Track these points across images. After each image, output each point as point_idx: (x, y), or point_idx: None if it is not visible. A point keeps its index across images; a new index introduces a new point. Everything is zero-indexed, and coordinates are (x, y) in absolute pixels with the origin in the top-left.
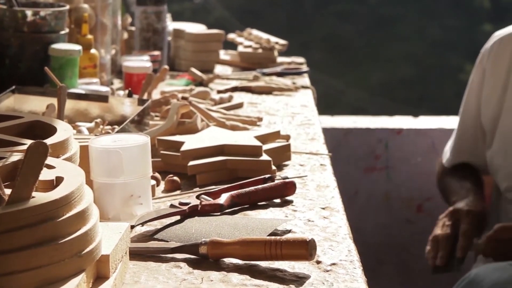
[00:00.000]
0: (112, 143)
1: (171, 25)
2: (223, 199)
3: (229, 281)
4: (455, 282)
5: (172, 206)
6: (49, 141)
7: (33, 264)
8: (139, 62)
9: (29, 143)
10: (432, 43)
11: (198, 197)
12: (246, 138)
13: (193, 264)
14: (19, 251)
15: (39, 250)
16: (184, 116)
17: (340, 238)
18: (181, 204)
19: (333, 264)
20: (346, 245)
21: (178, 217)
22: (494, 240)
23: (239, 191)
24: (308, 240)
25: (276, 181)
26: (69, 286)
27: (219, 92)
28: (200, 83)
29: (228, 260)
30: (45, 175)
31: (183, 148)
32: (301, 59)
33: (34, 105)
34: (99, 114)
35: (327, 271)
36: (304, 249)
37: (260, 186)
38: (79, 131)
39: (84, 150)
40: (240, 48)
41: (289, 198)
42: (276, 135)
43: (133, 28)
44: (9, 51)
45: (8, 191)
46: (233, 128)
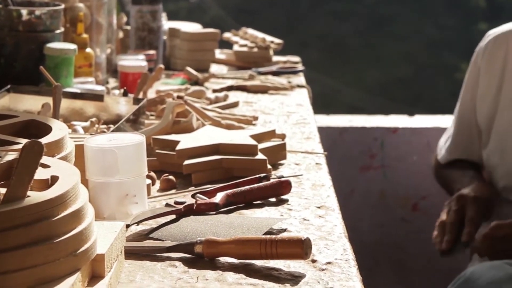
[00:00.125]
0: (107, 142)
1: (167, 24)
2: (218, 198)
3: (225, 280)
4: (451, 280)
5: (167, 205)
6: (44, 140)
7: (28, 263)
8: (134, 61)
9: (24, 142)
10: (428, 42)
11: (193, 196)
12: (242, 137)
13: (188, 263)
14: (14, 250)
15: (34, 249)
16: (179, 115)
17: (335, 237)
18: (176, 203)
19: (329, 263)
20: (342, 244)
21: (173, 216)
22: (490, 238)
23: (235, 190)
24: (303, 239)
25: (271, 180)
26: (64, 285)
27: (214, 91)
28: (196, 82)
29: (223, 259)
30: (40, 174)
31: (179, 147)
32: (296, 58)
33: (29, 104)
34: (94, 113)
35: (323, 270)
36: (300, 248)
37: (255, 185)
38: (74, 130)
39: (80, 149)
40: (236, 47)
41: (284, 197)
42: (271, 134)
43: (128, 27)
44: (4, 50)
45: (3, 190)
46: (229, 127)
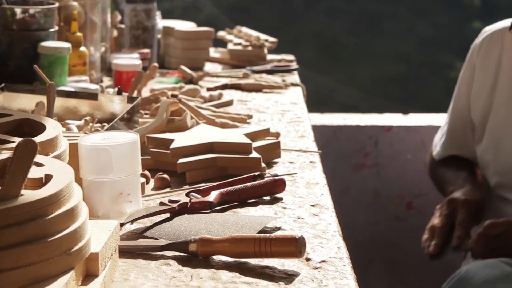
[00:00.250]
0: (101, 140)
1: (161, 22)
2: (212, 196)
3: (219, 278)
4: (446, 279)
5: (161, 203)
6: (38, 139)
7: (22, 262)
8: (128, 60)
9: (18, 141)
10: (423, 40)
11: (187, 194)
12: (236, 135)
13: (182, 261)
14: (8, 249)
15: (28, 248)
16: (173, 113)
17: (329, 235)
18: (170, 201)
19: (323, 261)
20: (336, 242)
21: (167, 215)
22: (484, 236)
23: (229, 188)
24: (297, 237)
25: (265, 179)
26: (58, 284)
27: (209, 89)
28: (190, 80)
29: (217, 258)
30: (34, 173)
31: (173, 145)
32: (291, 57)
33: (23, 103)
34: (88, 112)
35: (317, 268)
36: (294, 246)
37: (249, 184)
38: (68, 129)
39: (74, 148)
40: (230, 46)
41: (278, 195)
42: (265, 132)
43: (122, 26)
44: None
45: None
46: (223, 125)
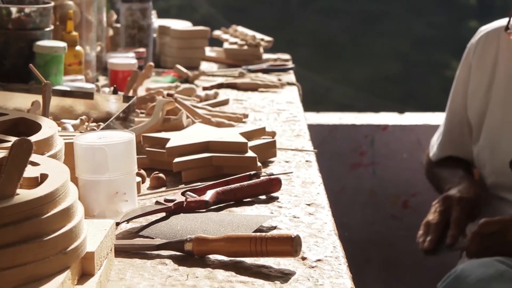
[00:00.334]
0: (97, 140)
1: (157, 22)
2: (208, 195)
3: (215, 277)
4: (441, 277)
5: (157, 203)
6: (34, 138)
7: (18, 261)
8: (124, 59)
9: (13, 140)
10: (418, 40)
11: (183, 194)
12: (232, 134)
13: (178, 261)
14: (3, 248)
15: (23, 247)
16: (169, 113)
17: (325, 235)
18: (166, 201)
19: (318, 260)
20: (332, 241)
21: (163, 214)
22: (478, 235)
23: (225, 187)
24: (293, 236)
25: (261, 178)
26: (54, 283)
27: (204, 88)
28: (186, 80)
29: (213, 257)
30: (30, 172)
31: (169, 145)
32: (286, 56)
33: (19, 102)
34: (84, 111)
35: (313, 267)
36: (289, 245)
37: (245, 183)
38: (64, 128)
39: (69, 147)
40: (226, 45)
41: (274, 194)
42: (261, 131)
43: (118, 25)
44: None
45: None
46: (219, 124)
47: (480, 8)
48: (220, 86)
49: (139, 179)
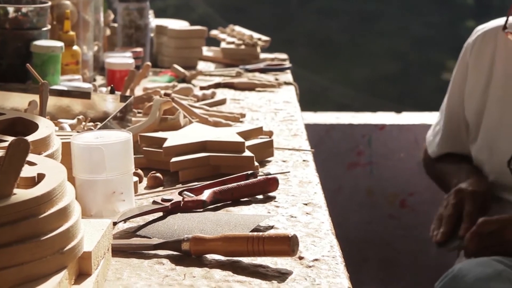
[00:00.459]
0: (94, 139)
1: (154, 21)
2: (205, 195)
3: (212, 277)
4: (439, 277)
5: (154, 202)
6: (31, 138)
7: (15, 261)
8: (121, 59)
9: (10, 140)
10: (415, 39)
11: (180, 193)
12: (229, 134)
13: (175, 260)
14: (0, 248)
15: (20, 247)
16: (166, 112)
17: (322, 234)
18: (163, 200)
19: (316, 260)
20: (329, 240)
21: (160, 214)
22: (477, 234)
23: (222, 187)
24: (290, 236)
25: (258, 177)
26: (51, 283)
27: (201, 88)
28: (183, 79)
29: (210, 256)
30: (27, 172)
31: (166, 144)
32: (284, 56)
33: (16, 102)
34: (81, 110)
35: (310, 267)
36: (287, 245)
37: (242, 182)
38: (61, 128)
39: (66, 146)
40: (223, 45)
41: (271, 194)
42: (258, 131)
43: (115, 25)
44: None
45: None
46: (216, 124)
47: (477, 8)
48: (217, 85)
49: (136, 178)
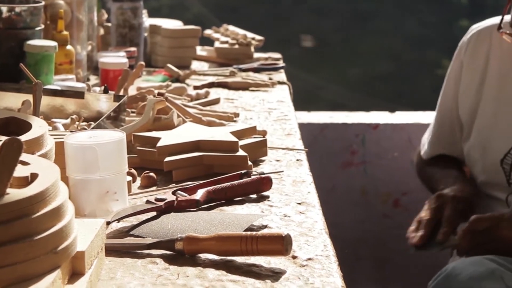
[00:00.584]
0: (87, 139)
1: (148, 21)
2: (199, 194)
3: (205, 276)
4: (432, 276)
5: (148, 202)
6: (24, 137)
7: (8, 260)
8: (115, 58)
9: (3, 139)
10: (410, 38)
11: (174, 193)
12: (223, 133)
13: (169, 260)
14: None
15: (14, 247)
16: (160, 112)
17: (316, 233)
18: (157, 200)
19: (309, 259)
20: (322, 240)
21: (154, 213)
22: (469, 232)
23: (215, 186)
24: (283, 235)
25: (252, 177)
26: (44, 283)
27: (195, 88)
28: (177, 79)
29: (204, 256)
30: (20, 171)
31: (159, 144)
32: (277, 55)
33: (9, 101)
34: (75, 110)
35: (303, 266)
36: (280, 244)
37: (236, 182)
38: (54, 128)
39: (60, 146)
40: (217, 44)
41: (265, 193)
42: (252, 130)
43: (109, 24)
44: None
45: None
46: (210, 124)
47: (472, 7)
48: (211, 85)
49: (129, 178)
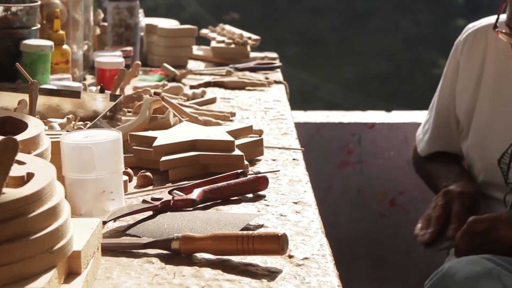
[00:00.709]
0: (83, 138)
1: (144, 20)
2: (195, 194)
3: (201, 276)
4: (428, 275)
5: (144, 201)
6: (20, 137)
7: (4, 260)
8: (111, 58)
9: None
10: (406, 38)
11: (170, 192)
12: (219, 133)
13: (165, 259)
14: None
15: (10, 247)
16: (156, 111)
17: (312, 233)
18: (153, 199)
19: (305, 258)
20: (318, 239)
21: (150, 213)
22: (468, 233)
23: (212, 186)
24: (280, 234)
25: (248, 176)
26: (40, 282)
27: (192, 87)
28: (173, 78)
29: (200, 255)
30: (16, 171)
31: (156, 143)
32: (274, 54)
33: (5, 101)
34: (71, 110)
35: (299, 265)
36: (276, 243)
37: (232, 181)
38: (50, 127)
39: (56, 146)
40: (213, 44)
41: (261, 193)
42: (248, 130)
43: (105, 24)
44: None
45: None
46: (206, 123)
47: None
48: (207, 84)
49: (126, 177)
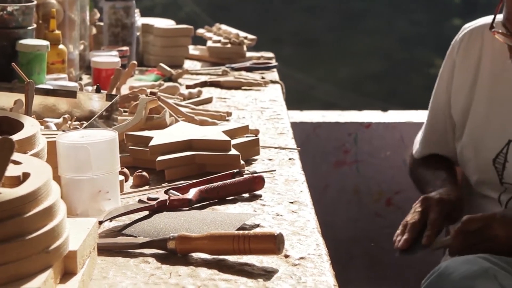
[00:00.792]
0: (80, 138)
1: (140, 20)
2: (191, 194)
3: (198, 275)
4: (425, 274)
5: (140, 201)
6: (16, 137)
7: (0, 260)
8: (107, 58)
9: None
10: (402, 37)
11: (166, 192)
12: (215, 133)
13: (161, 259)
14: None
15: (6, 246)
16: (152, 111)
17: (308, 232)
18: (149, 199)
19: (301, 258)
20: (315, 239)
21: (146, 212)
22: (461, 232)
23: (208, 186)
24: (276, 234)
25: (244, 176)
26: (36, 282)
27: (188, 87)
28: (169, 78)
29: (196, 255)
30: (12, 171)
31: (152, 143)
32: (270, 54)
33: (1, 101)
34: (67, 109)
35: (295, 265)
36: (272, 243)
37: (228, 181)
38: (46, 127)
39: (52, 145)
40: (209, 43)
41: (257, 192)
42: (245, 129)
43: (101, 24)
44: None
45: None
46: (202, 123)
47: (464, 6)
48: (204, 84)
49: (122, 177)
